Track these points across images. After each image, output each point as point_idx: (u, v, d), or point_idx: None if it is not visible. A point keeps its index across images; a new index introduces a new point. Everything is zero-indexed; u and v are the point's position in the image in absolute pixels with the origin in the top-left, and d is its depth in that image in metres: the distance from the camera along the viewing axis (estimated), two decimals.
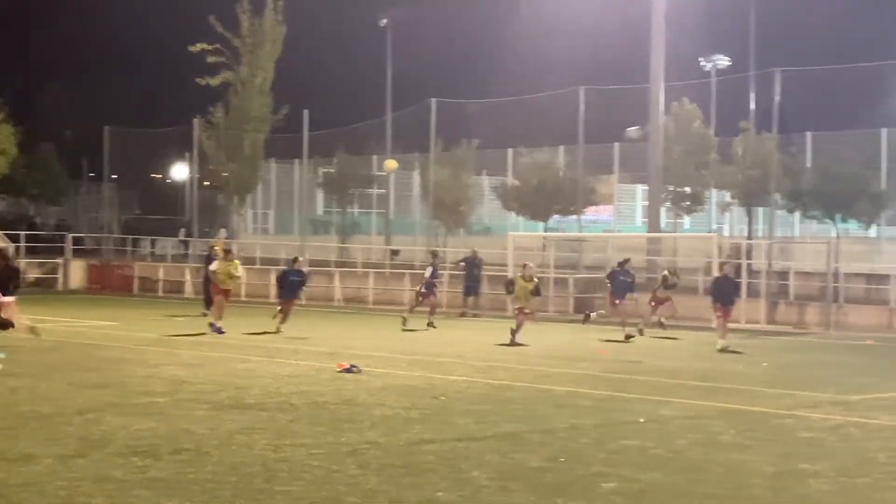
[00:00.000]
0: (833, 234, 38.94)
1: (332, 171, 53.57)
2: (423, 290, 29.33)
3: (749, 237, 40.90)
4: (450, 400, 15.73)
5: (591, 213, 50.09)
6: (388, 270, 42.28)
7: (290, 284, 26.96)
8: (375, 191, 54.62)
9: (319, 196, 58.00)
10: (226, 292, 26.36)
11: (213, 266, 26.77)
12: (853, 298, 33.16)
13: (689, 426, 13.85)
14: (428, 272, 29.63)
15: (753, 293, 32.50)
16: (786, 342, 27.30)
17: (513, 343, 24.16)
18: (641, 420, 14.17)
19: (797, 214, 42.99)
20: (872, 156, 41.25)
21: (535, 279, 25.48)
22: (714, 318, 25.25)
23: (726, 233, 46.62)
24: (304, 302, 28.84)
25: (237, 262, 27.13)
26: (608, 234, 44.42)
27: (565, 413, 14.65)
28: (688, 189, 44.95)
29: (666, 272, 29.30)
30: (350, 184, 53.26)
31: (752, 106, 44.33)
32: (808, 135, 43.84)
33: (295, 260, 28.34)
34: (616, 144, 49.09)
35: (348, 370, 18.63)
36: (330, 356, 20.82)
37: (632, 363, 21.26)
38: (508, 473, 10.79)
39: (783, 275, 34.96)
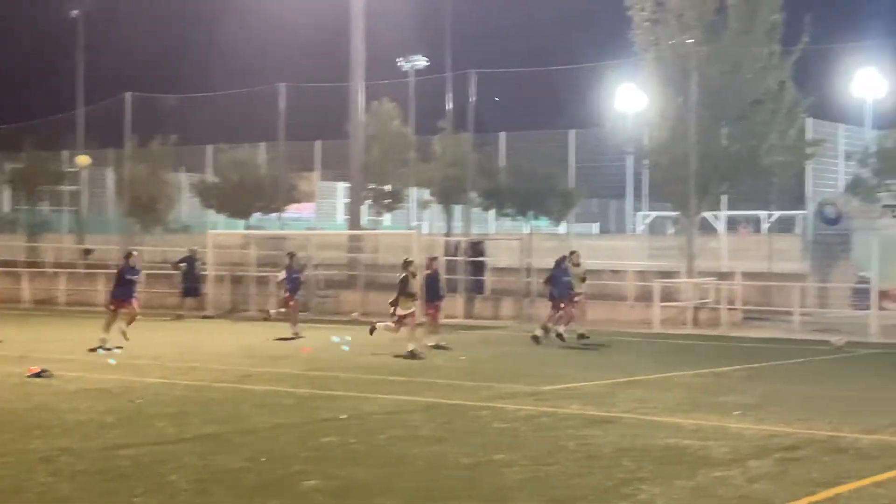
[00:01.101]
0: (526, 230, 40.49)
1: (21, 166, 51.20)
2: (287, 293, 27.13)
3: (448, 234, 41.89)
4: (147, 403, 15.32)
5: (292, 210, 50.13)
6: (81, 270, 40.83)
7: (126, 284, 23.73)
8: (67, 187, 52.55)
9: (6, 193, 55.34)
10: None
11: None
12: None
13: (389, 421, 14.03)
14: (281, 275, 27.51)
15: (451, 289, 33.24)
16: (483, 336, 28.12)
17: (418, 354, 22.09)
18: (343, 417, 14.24)
19: (492, 212, 44.45)
20: (561, 156, 43.16)
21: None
22: (424, 315, 25.39)
23: (425, 230, 47.60)
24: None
25: None
26: (310, 232, 44.46)
27: (267, 412, 14.55)
28: (388, 187, 45.67)
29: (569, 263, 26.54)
30: (39, 180, 51.06)
31: (449, 106, 45.49)
32: (502, 135, 45.36)
33: (129, 255, 24.43)
34: (317, 142, 49.30)
35: (38, 374, 17.87)
36: (19, 360, 19.89)
37: (334, 361, 21.36)
38: (208, 476, 10.61)
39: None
